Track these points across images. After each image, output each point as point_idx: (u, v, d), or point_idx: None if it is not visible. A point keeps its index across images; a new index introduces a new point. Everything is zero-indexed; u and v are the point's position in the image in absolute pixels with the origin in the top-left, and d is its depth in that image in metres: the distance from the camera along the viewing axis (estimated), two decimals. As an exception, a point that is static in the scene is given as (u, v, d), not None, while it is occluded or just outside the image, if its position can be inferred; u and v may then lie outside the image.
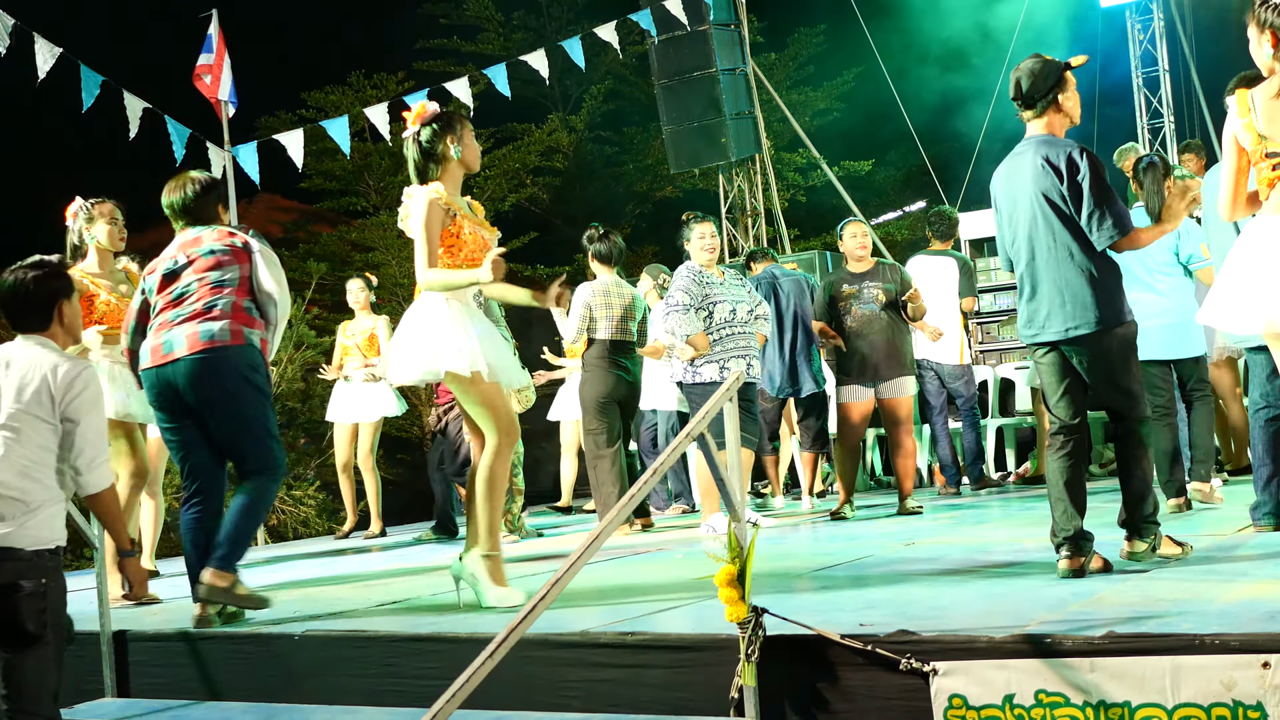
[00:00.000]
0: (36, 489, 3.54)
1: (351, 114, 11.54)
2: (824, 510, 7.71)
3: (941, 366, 8.30)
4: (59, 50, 8.05)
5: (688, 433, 3.37)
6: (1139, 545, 4.22)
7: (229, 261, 4.85)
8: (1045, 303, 4.23)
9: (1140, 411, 4.23)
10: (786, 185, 20.45)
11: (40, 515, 3.53)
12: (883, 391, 7.32)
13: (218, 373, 4.68)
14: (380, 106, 10.13)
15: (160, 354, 4.73)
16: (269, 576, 6.54)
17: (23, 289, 3.72)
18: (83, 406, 3.62)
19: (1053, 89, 4.28)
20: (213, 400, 4.71)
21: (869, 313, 7.30)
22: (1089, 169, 4.14)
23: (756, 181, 14.52)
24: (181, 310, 4.77)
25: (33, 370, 3.62)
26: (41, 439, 3.58)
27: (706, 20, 13.09)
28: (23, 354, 3.67)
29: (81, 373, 3.64)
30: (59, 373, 3.62)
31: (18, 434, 3.55)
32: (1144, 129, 15.55)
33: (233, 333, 4.72)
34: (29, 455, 3.55)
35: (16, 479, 3.52)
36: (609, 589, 4.82)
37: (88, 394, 3.64)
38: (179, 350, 4.69)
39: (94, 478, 3.65)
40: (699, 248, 6.90)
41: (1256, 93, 4.02)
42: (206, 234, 4.93)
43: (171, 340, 4.73)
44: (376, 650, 4.14)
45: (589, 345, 7.39)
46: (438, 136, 4.62)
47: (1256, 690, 2.74)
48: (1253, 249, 4.06)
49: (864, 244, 7.47)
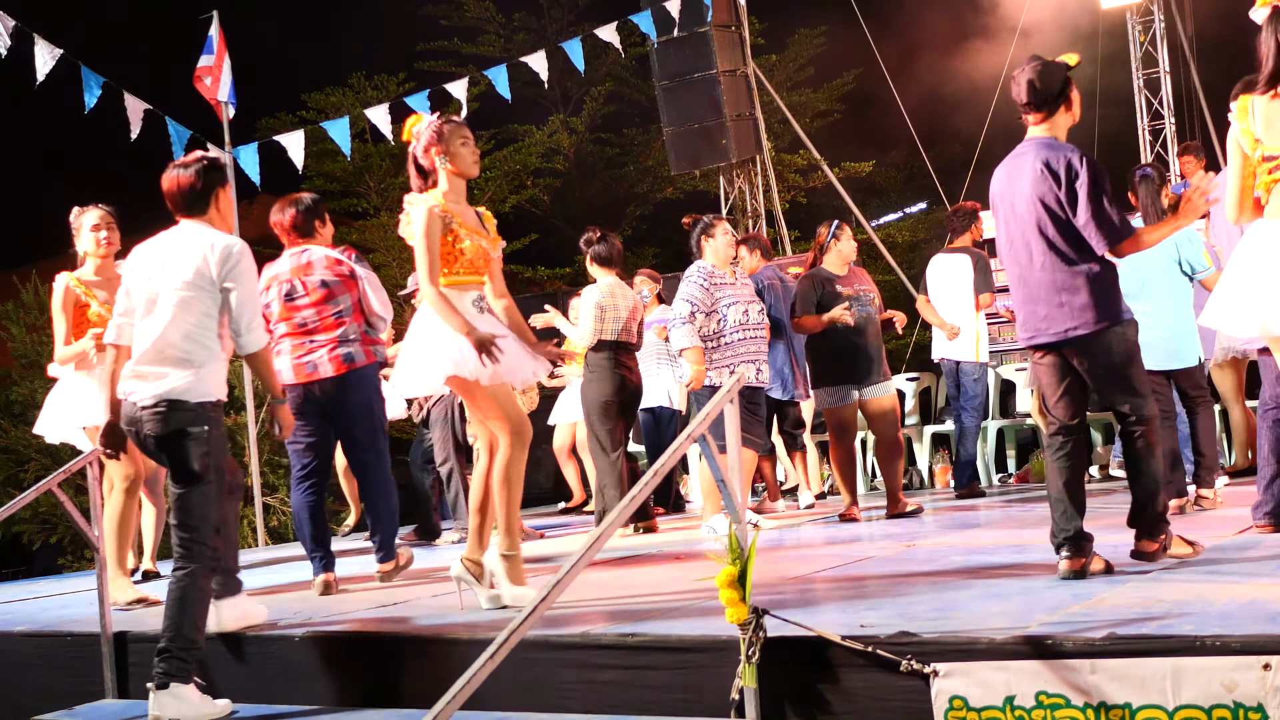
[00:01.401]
0: (200, 350, 4.17)
1: (352, 115, 11.55)
2: (822, 512, 7.71)
3: (959, 364, 8.21)
4: (59, 51, 8.05)
5: (688, 434, 3.37)
6: (1150, 545, 4.20)
7: (340, 291, 5.64)
8: (1044, 304, 4.23)
9: (1148, 410, 4.20)
10: (787, 187, 20.44)
11: (203, 372, 4.17)
12: (867, 394, 7.28)
13: (358, 389, 5.60)
14: (381, 108, 10.12)
15: (305, 372, 5.58)
16: (269, 577, 6.54)
17: (185, 182, 4.36)
18: (239, 276, 4.24)
19: (1062, 90, 4.29)
20: (353, 410, 5.63)
21: (867, 314, 7.29)
22: (1087, 175, 4.14)
23: (757, 183, 14.51)
24: (315, 338, 5.62)
25: (195, 249, 4.24)
26: (204, 307, 4.21)
27: (707, 22, 13.09)
28: (186, 236, 4.32)
29: (236, 248, 4.25)
30: (217, 249, 4.23)
31: (185, 304, 4.19)
32: (1144, 130, 15.54)
33: (366, 354, 5.63)
34: (194, 321, 4.19)
35: (183, 341, 4.17)
36: (610, 590, 4.82)
37: (242, 265, 4.24)
38: (325, 371, 5.56)
39: (252, 339, 4.28)
40: (725, 244, 6.88)
41: (1256, 98, 4.03)
42: (316, 260, 5.67)
43: (316, 362, 5.58)
44: (378, 651, 4.14)
45: (594, 348, 7.35)
46: (426, 150, 4.69)
47: (1257, 692, 2.74)
48: (1253, 253, 4.07)
49: (854, 248, 7.52)
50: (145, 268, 4.33)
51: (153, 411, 4.14)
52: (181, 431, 4.13)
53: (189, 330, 4.18)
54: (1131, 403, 4.20)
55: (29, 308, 11.60)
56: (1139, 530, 4.24)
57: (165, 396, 4.13)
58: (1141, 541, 4.23)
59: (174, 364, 4.15)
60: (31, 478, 10.59)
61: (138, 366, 4.22)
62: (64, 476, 4.85)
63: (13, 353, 11.61)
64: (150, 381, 4.16)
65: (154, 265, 4.31)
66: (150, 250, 4.38)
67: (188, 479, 4.16)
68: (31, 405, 10.30)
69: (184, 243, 4.30)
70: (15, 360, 11.63)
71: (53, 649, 4.98)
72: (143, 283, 4.31)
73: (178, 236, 4.35)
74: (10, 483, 10.80)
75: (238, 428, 10.65)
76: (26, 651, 5.04)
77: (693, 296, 6.71)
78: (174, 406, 4.13)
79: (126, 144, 8.73)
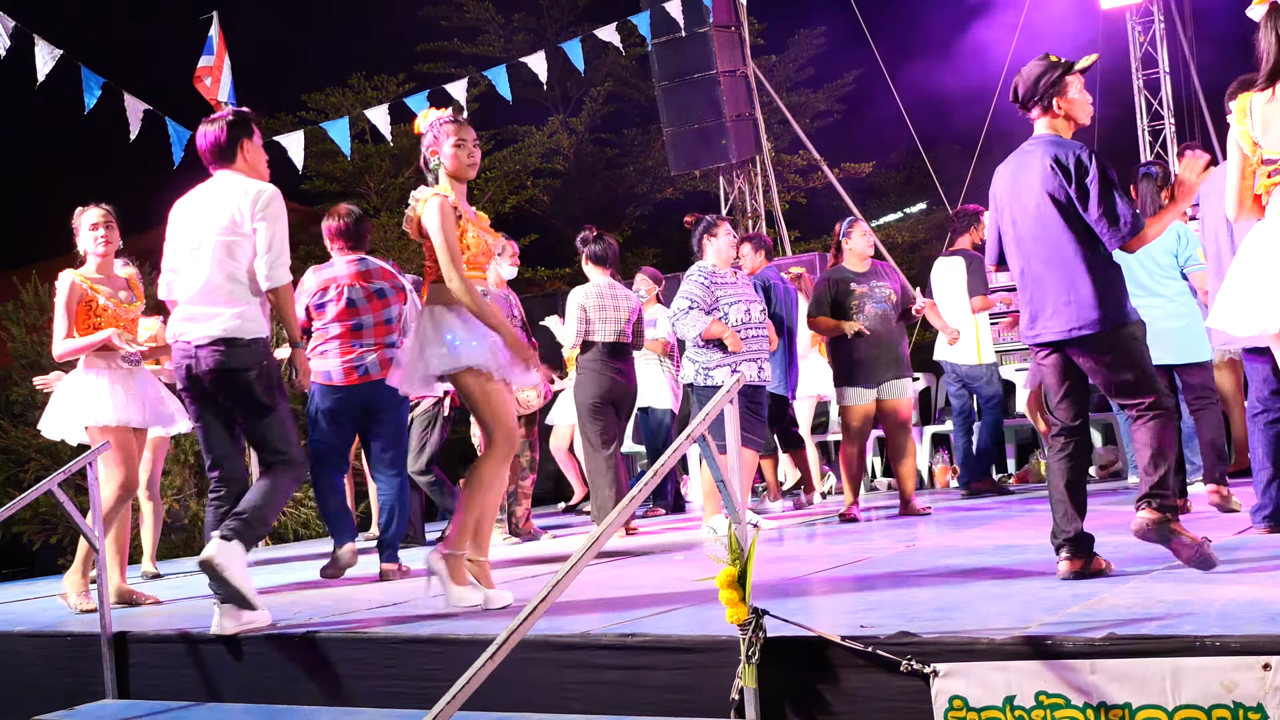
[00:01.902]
0: (243, 290, 4.55)
1: (352, 115, 11.54)
2: (822, 512, 7.71)
3: (958, 367, 8.20)
4: (59, 52, 8.05)
5: (688, 434, 3.37)
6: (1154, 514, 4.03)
7: (394, 301, 6.14)
8: (1049, 303, 4.21)
9: (1156, 388, 4.12)
10: (787, 187, 20.44)
11: (250, 310, 4.55)
12: (884, 393, 7.28)
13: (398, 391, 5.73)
14: (381, 108, 10.13)
15: (357, 375, 6.00)
16: (269, 578, 6.54)
17: (213, 136, 4.71)
18: (270, 214, 4.57)
19: (1047, 91, 4.26)
20: (390, 410, 6.07)
21: (883, 312, 7.26)
22: (1097, 170, 4.13)
23: (757, 183, 14.51)
24: (364, 341, 6.04)
25: (230, 197, 4.59)
26: (244, 250, 4.56)
27: (707, 22, 13.08)
28: (220, 186, 4.67)
29: (267, 192, 4.60)
30: (249, 194, 4.58)
31: (228, 248, 4.54)
32: (1144, 131, 15.55)
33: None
34: (236, 264, 4.54)
35: (227, 282, 4.53)
36: (610, 590, 4.82)
37: (273, 206, 4.59)
38: (375, 373, 5.96)
39: (277, 274, 4.57)
40: (727, 244, 6.89)
41: (1255, 98, 4.03)
42: (374, 270, 6.14)
43: (367, 365, 6.01)
44: (377, 651, 4.14)
45: (584, 348, 7.35)
46: (428, 149, 4.75)
47: (1257, 692, 2.74)
48: (1253, 254, 4.07)
49: (871, 244, 7.49)
50: (185, 219, 4.68)
51: (210, 349, 4.50)
52: (243, 368, 4.51)
53: (232, 271, 4.54)
54: (1139, 389, 4.12)
55: (29, 308, 11.57)
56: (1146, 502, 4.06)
57: (221, 336, 4.50)
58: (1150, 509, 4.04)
59: (224, 303, 4.52)
60: (31, 478, 10.58)
61: (188, 308, 4.58)
62: (64, 476, 4.84)
63: (13, 353, 11.60)
64: (202, 323, 4.53)
65: (193, 215, 4.66)
66: (189, 203, 4.72)
67: (258, 411, 4.58)
68: (32, 405, 10.29)
69: (219, 192, 4.65)
70: (15, 360, 11.61)
71: (53, 649, 4.98)
72: (184, 233, 4.67)
73: (213, 187, 4.70)
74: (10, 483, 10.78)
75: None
76: (26, 651, 5.04)
77: (692, 294, 6.72)
78: (231, 344, 4.50)
79: (126, 144, 8.73)
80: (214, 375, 4.52)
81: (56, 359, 5.82)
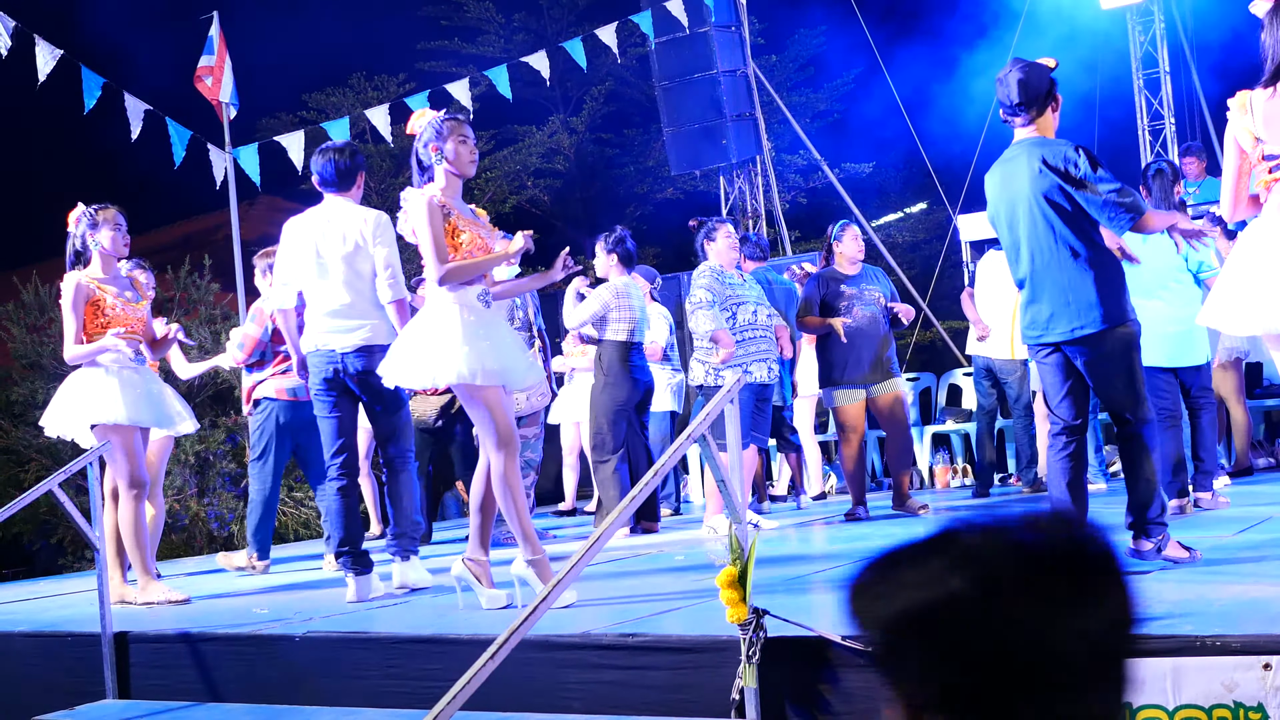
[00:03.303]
0: (370, 305, 5.19)
1: (352, 115, 11.55)
2: (822, 512, 7.71)
3: (992, 361, 8.07)
4: (60, 52, 8.05)
5: (688, 434, 3.37)
6: (1145, 545, 4.21)
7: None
8: (1049, 304, 4.22)
9: (1144, 412, 4.21)
10: (787, 187, 20.43)
11: (380, 324, 5.20)
12: (875, 391, 7.29)
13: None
14: (381, 108, 10.12)
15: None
16: (269, 578, 6.54)
17: (344, 166, 5.28)
18: (386, 238, 5.19)
19: (1048, 93, 4.30)
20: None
21: (871, 313, 7.29)
22: (1087, 161, 4.15)
23: (757, 183, 14.51)
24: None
25: (352, 223, 5.22)
26: (365, 268, 5.18)
27: (707, 22, 13.08)
28: (339, 211, 5.28)
29: (384, 219, 5.22)
30: (370, 221, 5.22)
31: (356, 269, 5.17)
32: (1144, 131, 15.53)
33: None
34: (363, 282, 5.18)
35: (359, 300, 5.18)
36: (610, 590, 4.82)
37: (388, 230, 5.18)
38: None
39: (394, 291, 5.18)
40: (726, 246, 6.91)
41: (1256, 95, 4.03)
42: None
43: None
44: (377, 651, 4.14)
45: (605, 347, 7.30)
46: (425, 146, 4.72)
47: (1258, 692, 2.74)
48: (1251, 251, 4.07)
49: (861, 248, 7.52)
50: (306, 239, 5.25)
51: (357, 353, 5.17)
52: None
53: (362, 289, 5.17)
54: (1130, 404, 4.20)
55: (29, 308, 11.56)
56: (1136, 531, 4.24)
57: (367, 343, 5.17)
58: (1138, 541, 4.23)
59: (364, 315, 5.18)
60: (32, 478, 10.56)
61: (334, 321, 5.19)
62: (64, 477, 4.84)
63: (13, 353, 11.58)
64: (345, 335, 5.19)
65: (316, 237, 5.23)
66: (308, 224, 5.29)
67: (394, 404, 5.32)
68: (32, 405, 10.29)
69: (340, 217, 5.24)
70: (15, 360, 11.60)
71: (53, 649, 4.98)
72: (306, 253, 5.23)
73: (331, 212, 5.27)
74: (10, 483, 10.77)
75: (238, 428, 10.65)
76: (27, 651, 5.04)
77: (712, 287, 6.82)
78: (375, 350, 5.11)
79: (127, 144, 8.73)
80: (359, 378, 5.17)
81: (68, 361, 5.82)
